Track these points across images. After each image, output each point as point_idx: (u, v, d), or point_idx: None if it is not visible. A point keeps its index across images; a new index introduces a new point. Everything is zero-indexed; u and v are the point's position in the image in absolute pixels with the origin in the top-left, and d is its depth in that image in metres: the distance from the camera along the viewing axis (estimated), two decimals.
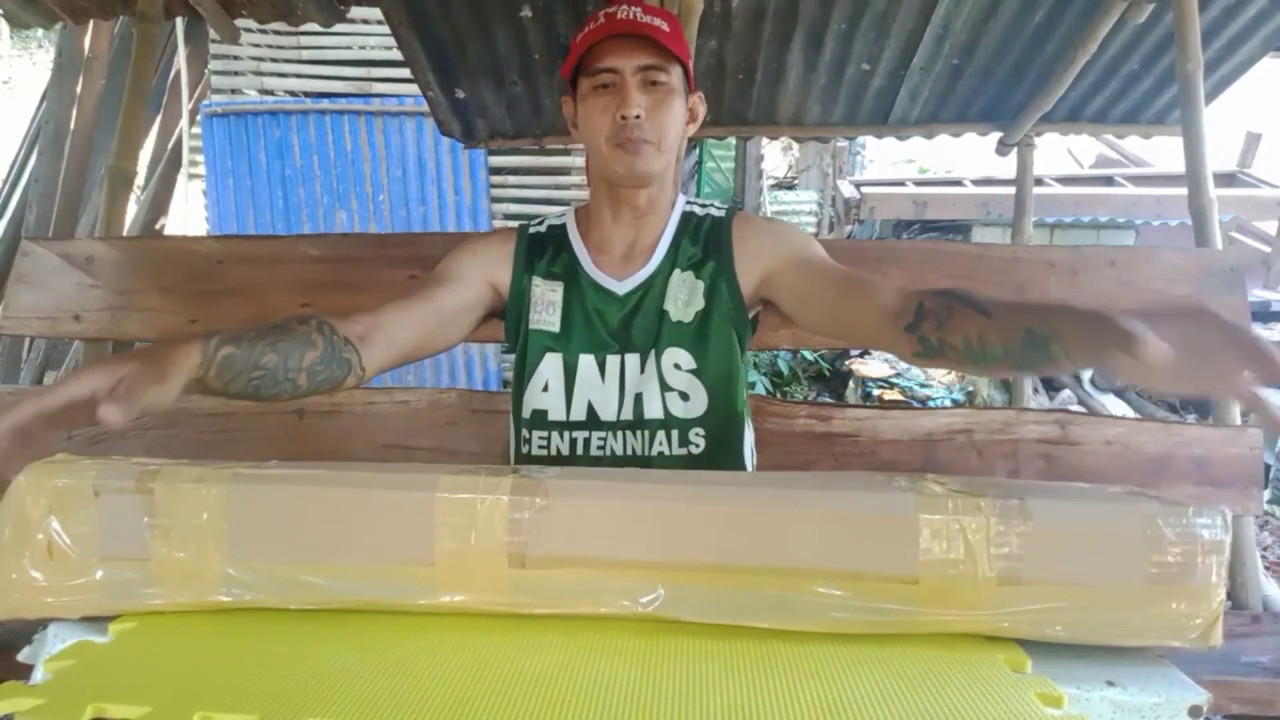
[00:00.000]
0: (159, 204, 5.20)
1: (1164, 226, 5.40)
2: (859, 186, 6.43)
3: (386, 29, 2.26)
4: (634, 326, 1.07)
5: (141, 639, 0.64)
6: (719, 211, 1.13)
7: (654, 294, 1.07)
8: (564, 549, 0.64)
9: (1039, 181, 4.78)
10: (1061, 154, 7.65)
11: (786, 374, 5.85)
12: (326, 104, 4.71)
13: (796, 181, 10.01)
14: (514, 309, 1.10)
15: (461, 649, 0.60)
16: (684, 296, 1.07)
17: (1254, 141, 6.20)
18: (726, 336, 1.07)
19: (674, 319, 1.06)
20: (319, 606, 0.66)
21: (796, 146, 9.59)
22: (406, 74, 2.73)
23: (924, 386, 5.48)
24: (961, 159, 8.01)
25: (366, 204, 4.79)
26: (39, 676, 0.60)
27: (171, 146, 5.07)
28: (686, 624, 0.63)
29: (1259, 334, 0.58)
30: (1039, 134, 2.62)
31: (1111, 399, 5.09)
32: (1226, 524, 0.62)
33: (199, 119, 4.76)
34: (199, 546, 0.65)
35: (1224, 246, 1.77)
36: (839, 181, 7.50)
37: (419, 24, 2.10)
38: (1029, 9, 2.10)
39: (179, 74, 4.72)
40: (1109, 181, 6.04)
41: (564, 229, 1.13)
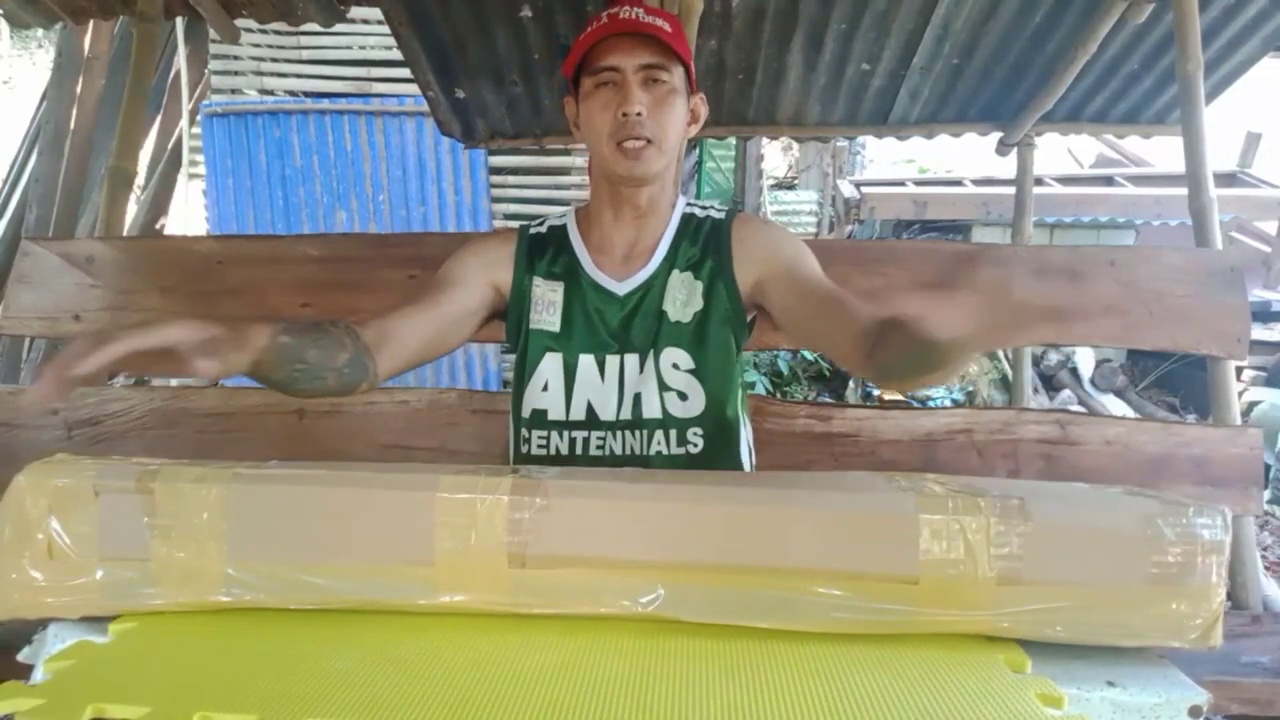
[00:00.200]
0: (159, 204, 5.20)
1: (1164, 226, 5.39)
2: (859, 186, 6.42)
3: (386, 29, 2.26)
4: (633, 327, 1.07)
5: (141, 639, 0.64)
6: (719, 213, 1.13)
7: (653, 294, 1.08)
8: (564, 549, 0.64)
9: (1039, 181, 4.78)
10: (1061, 154, 7.65)
11: (786, 374, 5.84)
12: (326, 104, 4.71)
13: (796, 181, 10.00)
14: (515, 309, 1.10)
15: (461, 649, 0.60)
16: (682, 297, 1.07)
17: (1254, 141, 6.20)
18: (724, 337, 1.07)
19: (672, 319, 1.06)
20: (319, 606, 0.66)
21: (796, 146, 9.58)
22: (406, 74, 2.73)
23: None
24: (961, 159, 8.01)
25: (366, 204, 4.79)
26: (39, 676, 0.60)
27: (171, 146, 5.07)
28: (686, 624, 0.63)
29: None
30: (1039, 134, 2.62)
31: (1111, 399, 5.09)
32: (1226, 524, 0.62)
33: (199, 119, 4.76)
34: (199, 546, 0.65)
35: (1224, 246, 1.77)
36: (839, 181, 7.49)
37: (419, 24, 2.10)
38: (1029, 9, 2.10)
39: (179, 74, 4.72)
40: (1109, 181, 6.03)
41: (565, 229, 1.13)
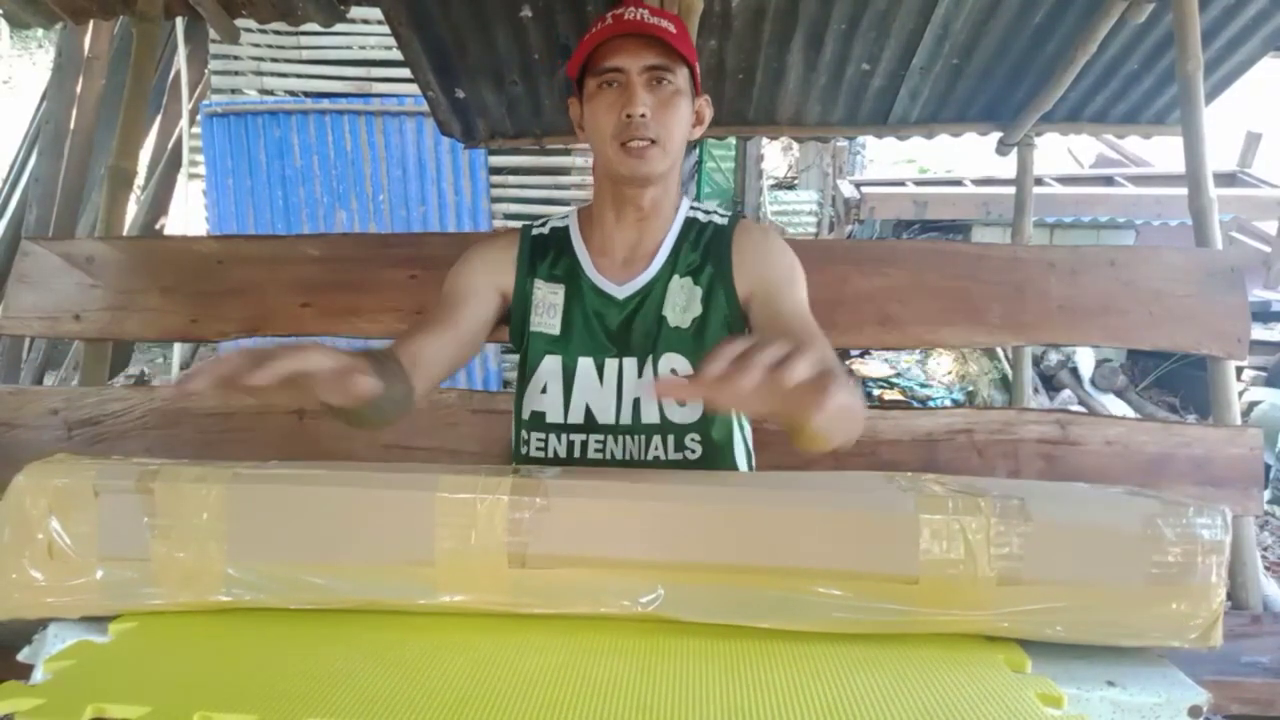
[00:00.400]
0: (159, 204, 5.21)
1: (1164, 226, 5.40)
2: (859, 186, 6.42)
3: (386, 29, 2.26)
4: (633, 331, 1.07)
5: (141, 639, 0.63)
6: (722, 219, 1.13)
7: (653, 299, 1.07)
8: (564, 549, 0.63)
9: (1039, 181, 4.78)
10: (1061, 154, 7.65)
11: None
12: (326, 104, 4.71)
13: (796, 181, 10.01)
14: (518, 311, 1.10)
15: (462, 649, 0.60)
16: (682, 303, 1.07)
17: (1254, 141, 6.19)
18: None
19: (672, 324, 1.06)
20: (319, 606, 0.65)
21: (796, 146, 9.59)
22: (406, 74, 2.73)
23: (924, 386, 5.48)
24: (961, 159, 8.02)
25: (366, 204, 4.79)
26: (39, 676, 0.60)
27: (171, 146, 5.07)
28: (686, 624, 0.63)
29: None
30: (1039, 134, 2.61)
31: (1111, 399, 5.08)
32: (1226, 524, 0.62)
33: (199, 119, 4.76)
34: (199, 546, 0.65)
35: (1224, 246, 1.77)
36: (839, 181, 7.49)
37: (419, 24, 2.10)
38: (1029, 9, 2.10)
39: (179, 74, 4.72)
40: (1109, 181, 6.03)
41: (566, 231, 1.13)
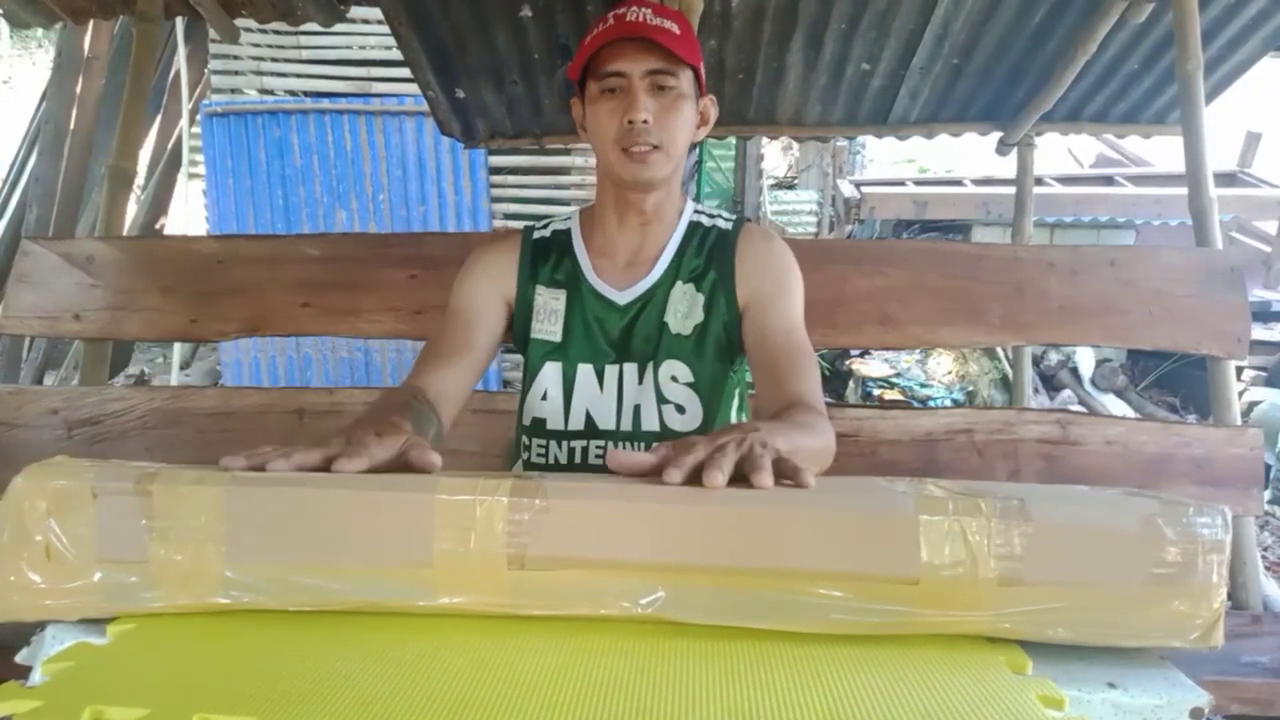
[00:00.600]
0: (159, 204, 5.21)
1: (1164, 226, 5.40)
2: (859, 186, 6.43)
3: (386, 29, 2.26)
4: (634, 337, 1.06)
5: (140, 641, 0.63)
6: (726, 223, 1.11)
7: (655, 305, 1.06)
8: (564, 550, 0.63)
9: (1039, 181, 4.77)
10: (1061, 154, 7.65)
11: None
12: (326, 104, 4.71)
13: (796, 181, 10.00)
14: (520, 317, 1.10)
15: (461, 651, 0.60)
16: (684, 309, 1.06)
17: (1254, 141, 6.20)
18: (724, 350, 1.07)
19: (673, 331, 1.05)
20: (318, 608, 0.65)
21: (796, 146, 9.58)
22: (406, 74, 2.73)
23: (924, 386, 5.48)
24: (961, 159, 8.02)
25: (366, 204, 4.79)
26: (37, 678, 0.60)
27: (171, 146, 5.07)
28: (686, 625, 0.63)
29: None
30: (1039, 134, 2.62)
31: (1112, 399, 5.09)
32: (1227, 524, 0.62)
33: (199, 119, 4.76)
34: (198, 548, 0.64)
35: (1224, 246, 1.77)
36: (839, 181, 7.50)
37: (419, 24, 2.10)
38: (1029, 9, 2.10)
39: (179, 74, 4.72)
40: (1109, 181, 6.03)
41: (568, 234, 1.12)
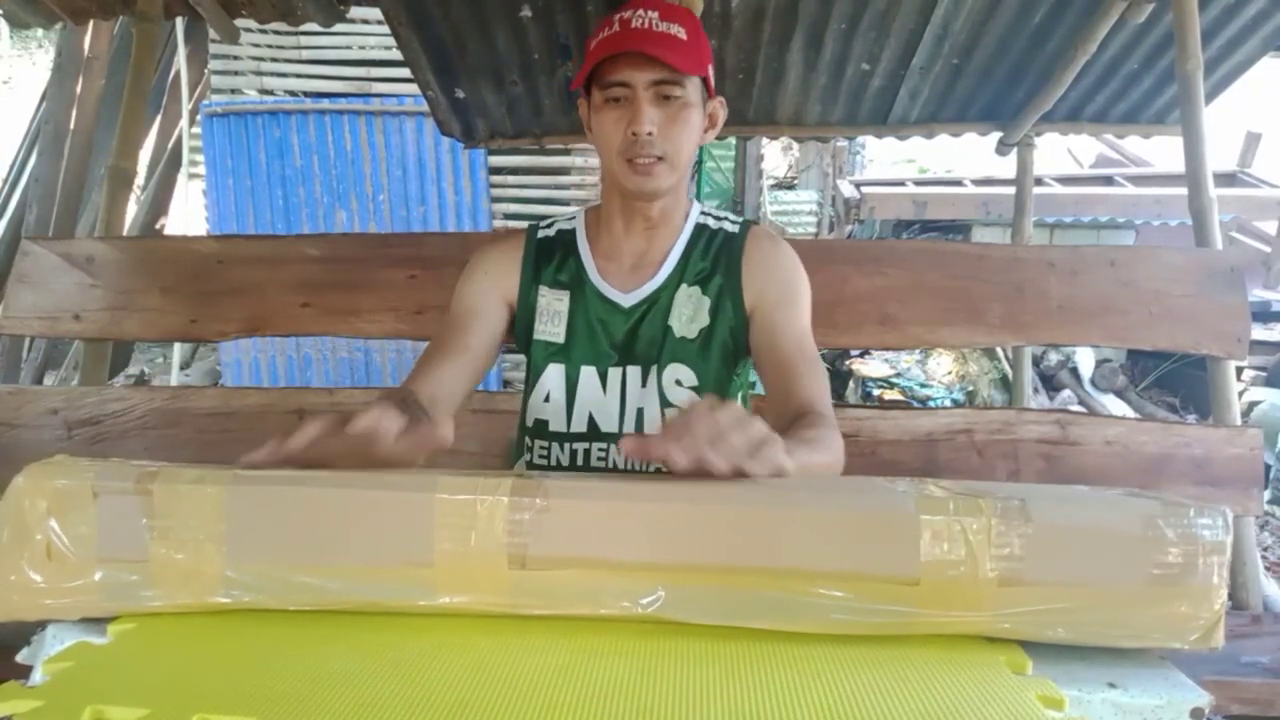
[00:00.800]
0: (159, 204, 5.21)
1: (1164, 226, 5.40)
2: (859, 186, 6.42)
3: (386, 29, 2.26)
4: (638, 339, 1.06)
5: (140, 640, 0.63)
6: (733, 226, 1.10)
7: (659, 308, 1.06)
8: (564, 550, 0.63)
9: (1039, 181, 4.78)
10: (1061, 154, 7.65)
11: None
12: (326, 104, 4.70)
13: (796, 181, 10.00)
14: (522, 318, 1.09)
15: (461, 650, 0.60)
16: (689, 312, 1.05)
17: (1254, 141, 6.20)
18: (728, 354, 1.06)
19: (678, 334, 1.05)
20: (318, 608, 0.65)
21: (796, 146, 9.58)
22: (406, 74, 2.73)
23: (924, 387, 5.48)
24: (961, 159, 8.02)
25: (366, 204, 4.79)
26: (37, 678, 0.60)
27: (171, 146, 5.08)
28: (687, 625, 0.63)
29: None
30: (1039, 134, 2.61)
31: (1111, 399, 5.09)
32: (1227, 524, 0.62)
33: (199, 119, 4.75)
34: (198, 548, 0.64)
35: (1224, 246, 1.77)
36: (839, 181, 7.50)
37: (419, 24, 2.10)
38: (1029, 9, 2.10)
39: (179, 74, 4.72)
40: (1109, 181, 6.03)
41: (573, 234, 1.11)
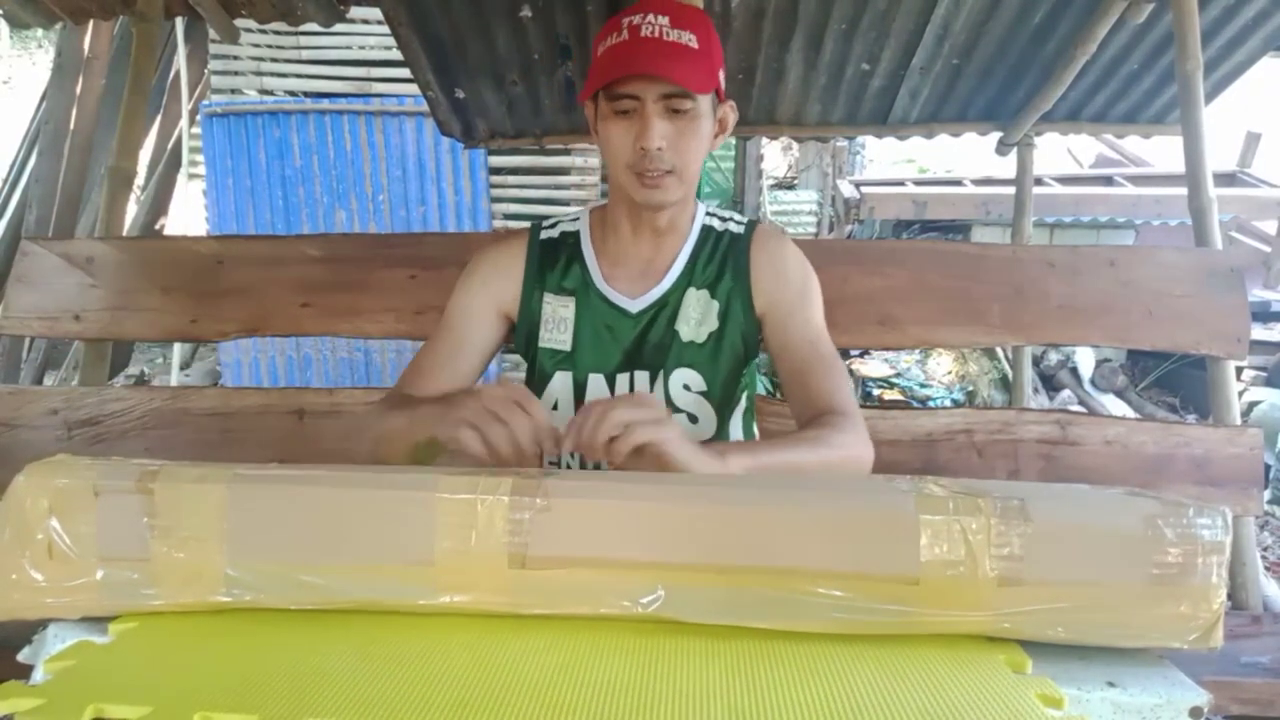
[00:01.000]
0: (159, 204, 5.21)
1: (1164, 226, 5.39)
2: (859, 186, 6.42)
3: (386, 29, 2.26)
4: (645, 345, 1.05)
5: (142, 639, 0.63)
6: (738, 226, 1.09)
7: (667, 312, 1.05)
8: (564, 549, 0.63)
9: (1039, 181, 4.78)
10: (1061, 154, 7.65)
11: None
12: (326, 104, 4.70)
13: (796, 181, 9.99)
14: (524, 325, 1.07)
15: (461, 649, 0.60)
16: (697, 316, 1.05)
17: (1254, 141, 6.19)
18: (737, 357, 1.06)
19: (685, 339, 1.04)
20: (319, 607, 0.65)
21: (796, 146, 9.57)
22: (406, 74, 2.73)
23: (924, 387, 5.48)
24: (961, 159, 8.02)
25: (366, 204, 4.79)
26: (39, 677, 0.60)
27: (171, 146, 5.07)
28: (687, 624, 0.63)
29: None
30: (1039, 134, 2.61)
31: (1111, 399, 5.09)
32: (1227, 524, 0.62)
33: (199, 119, 4.75)
34: (199, 547, 0.64)
35: (1224, 246, 1.77)
36: (839, 181, 7.49)
37: (419, 24, 2.10)
38: (1029, 9, 2.10)
39: (179, 74, 4.72)
40: (1109, 181, 6.03)
41: (577, 237, 1.09)
